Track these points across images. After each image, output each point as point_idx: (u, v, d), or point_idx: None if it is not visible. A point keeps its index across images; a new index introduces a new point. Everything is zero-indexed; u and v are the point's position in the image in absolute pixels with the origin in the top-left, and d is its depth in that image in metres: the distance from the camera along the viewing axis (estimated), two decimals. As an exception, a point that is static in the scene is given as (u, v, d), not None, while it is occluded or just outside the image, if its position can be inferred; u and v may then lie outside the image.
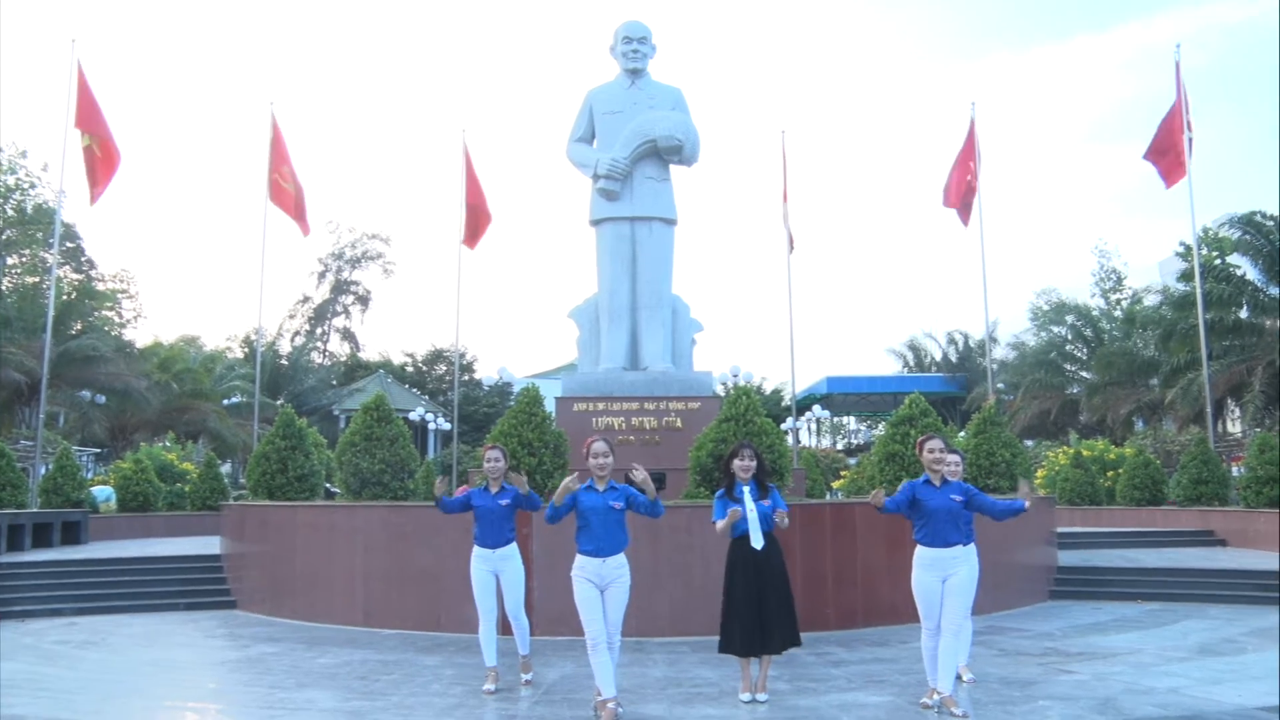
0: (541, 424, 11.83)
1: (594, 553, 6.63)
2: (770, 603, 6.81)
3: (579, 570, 6.62)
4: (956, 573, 6.69)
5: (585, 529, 6.67)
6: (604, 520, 6.66)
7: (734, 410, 11.72)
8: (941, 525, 6.68)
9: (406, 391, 50.73)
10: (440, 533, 11.06)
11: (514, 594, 7.77)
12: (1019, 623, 11.21)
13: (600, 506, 6.67)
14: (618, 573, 6.66)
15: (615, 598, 6.65)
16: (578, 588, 6.61)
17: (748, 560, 6.84)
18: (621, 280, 17.02)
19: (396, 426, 12.99)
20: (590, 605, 6.58)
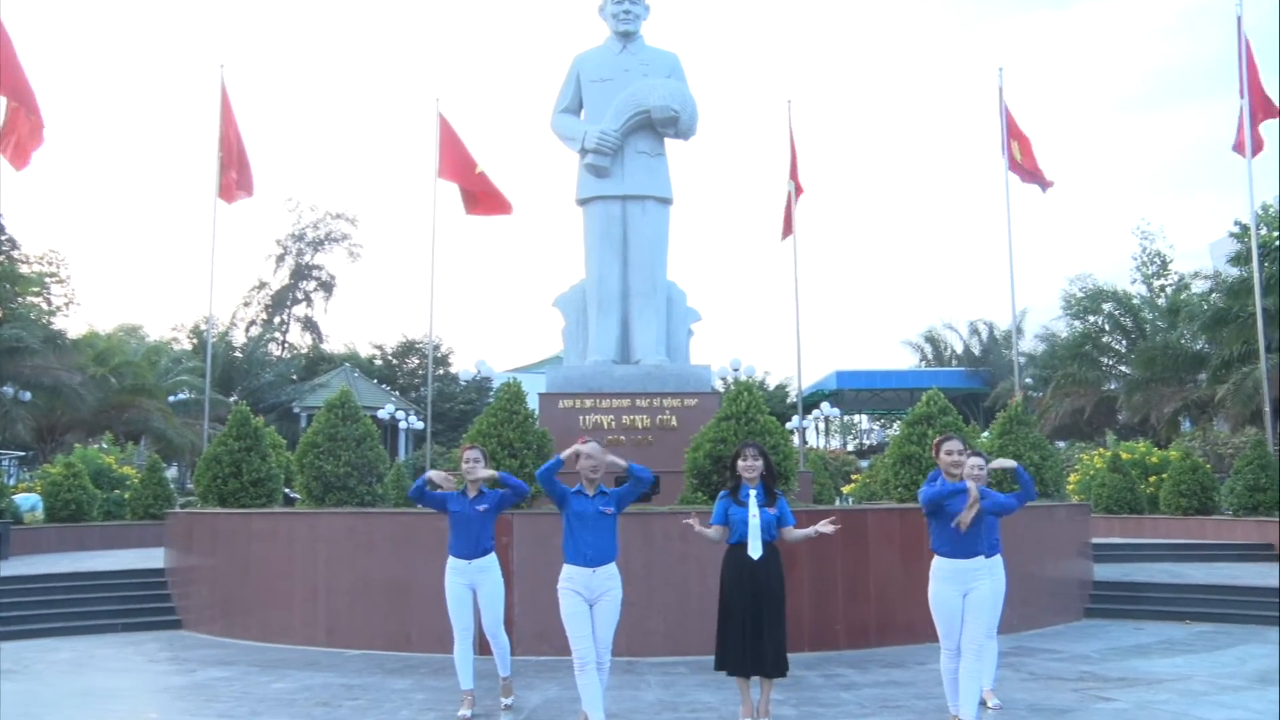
0: (524, 423, 11.85)
1: (583, 562, 6.65)
2: (764, 620, 6.84)
3: (566, 582, 6.65)
4: (979, 586, 6.70)
5: (573, 536, 6.70)
6: (594, 527, 6.70)
7: (734, 408, 11.74)
8: (962, 534, 6.70)
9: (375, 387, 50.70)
10: (411, 542, 11.08)
11: (492, 609, 7.80)
12: (1050, 643, 11.26)
13: (590, 512, 6.71)
14: (608, 584, 6.68)
15: (605, 612, 6.67)
16: (564, 601, 6.63)
17: (743, 570, 6.88)
18: (611, 265, 17.03)
19: (364, 425, 13.00)
20: (578, 621, 6.59)
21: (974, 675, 6.65)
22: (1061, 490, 14.65)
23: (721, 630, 6.97)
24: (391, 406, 40.64)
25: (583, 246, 17.50)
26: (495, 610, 7.82)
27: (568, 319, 17.82)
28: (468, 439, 11.67)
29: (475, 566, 7.72)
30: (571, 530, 6.72)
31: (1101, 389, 37.50)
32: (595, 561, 6.67)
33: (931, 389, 13.31)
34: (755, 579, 6.86)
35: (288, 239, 62.12)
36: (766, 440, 11.44)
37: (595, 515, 6.72)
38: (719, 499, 7.11)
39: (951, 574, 6.71)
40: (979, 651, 6.70)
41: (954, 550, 6.71)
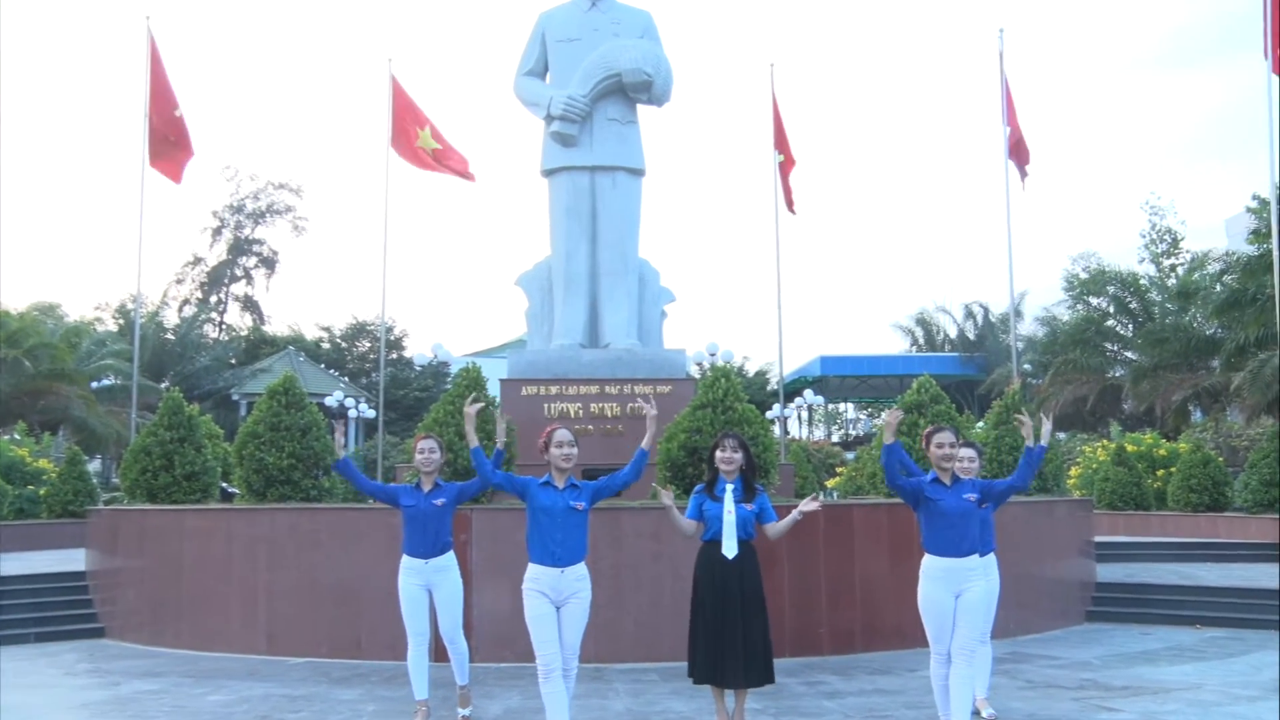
0: (484, 411, 11.85)
1: (551, 562, 6.63)
2: (738, 625, 6.88)
3: (532, 583, 6.64)
4: (971, 587, 6.76)
5: (540, 533, 6.67)
6: (564, 523, 6.67)
7: (711, 395, 11.79)
8: (953, 530, 6.76)
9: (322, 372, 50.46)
10: (361, 540, 11.07)
11: (450, 613, 7.81)
12: (1049, 649, 11.40)
13: (560, 507, 6.68)
14: (577, 585, 6.69)
15: (573, 616, 6.68)
16: (530, 603, 6.63)
17: (715, 569, 6.94)
18: (579, 241, 17.03)
19: (309, 414, 12.96)
20: (544, 624, 6.60)
21: (966, 682, 6.71)
22: (1062, 485, 14.81)
23: (691, 635, 7.03)
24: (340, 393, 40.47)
25: (548, 221, 17.48)
26: (454, 613, 7.84)
27: (531, 299, 17.80)
28: (422, 428, 11.65)
29: (433, 566, 7.73)
30: (538, 526, 6.68)
31: (1105, 376, 37.71)
32: (564, 561, 6.64)
33: (923, 375, 13.44)
34: (728, 580, 6.91)
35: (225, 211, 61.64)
36: (745, 430, 11.49)
37: (565, 511, 6.68)
38: (694, 494, 7.16)
39: (943, 573, 6.76)
40: (971, 657, 6.76)
41: (946, 548, 6.76)
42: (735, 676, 6.90)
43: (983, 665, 7.78)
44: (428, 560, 7.74)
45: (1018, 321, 44.65)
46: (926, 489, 6.85)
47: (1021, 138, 19.83)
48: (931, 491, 6.84)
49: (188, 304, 58.27)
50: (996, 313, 55.21)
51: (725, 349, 30.88)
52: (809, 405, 43.30)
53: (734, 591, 6.90)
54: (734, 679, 6.91)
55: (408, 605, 7.78)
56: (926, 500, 6.82)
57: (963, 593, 6.74)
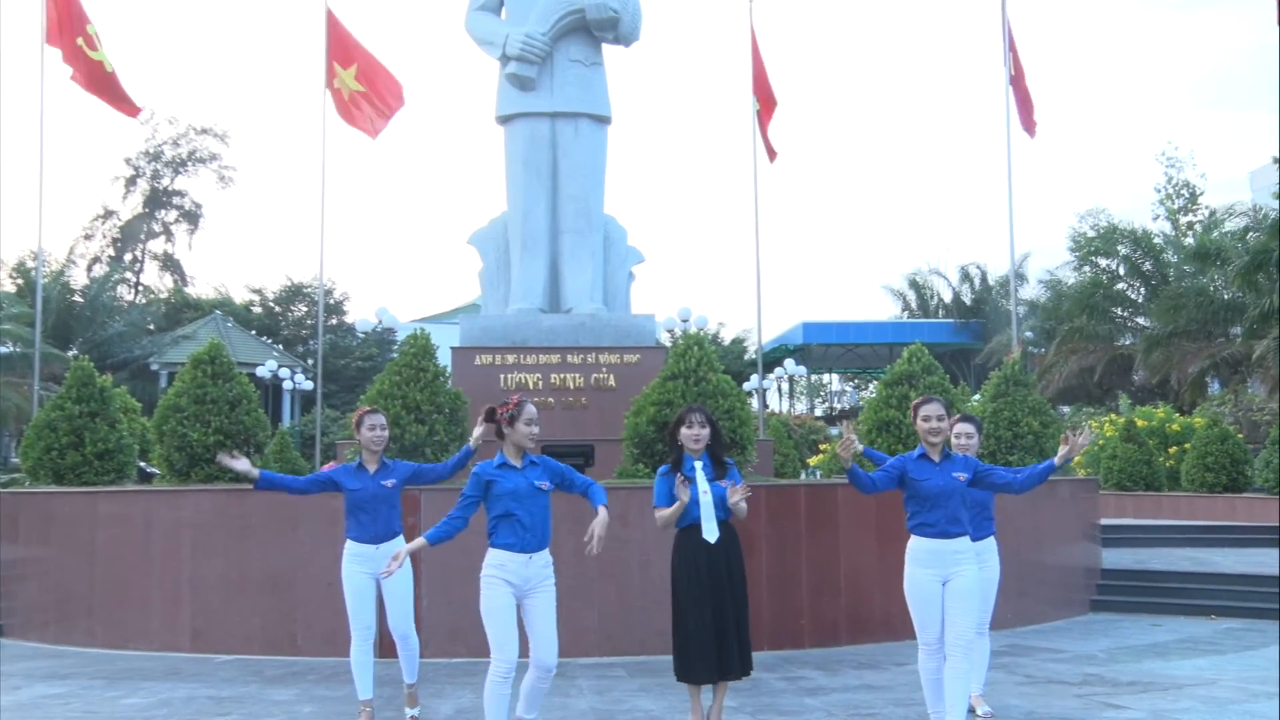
0: (433, 382, 11.84)
1: (520, 547, 6.58)
2: (728, 613, 6.94)
3: (496, 570, 6.59)
4: (961, 572, 6.82)
5: (507, 517, 6.61)
6: (530, 505, 6.63)
7: (682, 365, 11.82)
8: (940, 510, 6.82)
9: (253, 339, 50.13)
10: (297, 525, 11.06)
11: (401, 604, 7.79)
12: (1051, 640, 11.54)
13: (525, 488, 6.64)
14: (544, 574, 6.68)
15: (543, 607, 6.65)
16: (491, 593, 6.58)
17: (699, 556, 6.96)
18: (538, 195, 16.99)
19: (239, 385, 12.90)
20: (504, 618, 6.55)
21: (961, 677, 6.76)
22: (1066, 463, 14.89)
23: (681, 634, 7.02)
24: (274, 363, 40.26)
25: (504, 173, 17.42)
26: (405, 605, 7.82)
27: (486, 259, 17.75)
28: (365, 401, 11.63)
29: (383, 553, 7.65)
30: (507, 510, 6.61)
31: (1115, 344, 37.91)
32: (533, 546, 6.61)
33: (914, 344, 13.51)
34: (715, 567, 6.94)
35: (140, 158, 60.80)
36: (720, 403, 11.54)
37: (530, 490, 6.65)
38: (659, 476, 7.14)
39: (929, 556, 6.82)
40: (968, 650, 6.80)
41: (931, 529, 6.83)
42: (734, 667, 6.97)
43: (979, 659, 7.85)
44: (379, 546, 7.69)
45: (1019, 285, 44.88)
46: (911, 467, 6.90)
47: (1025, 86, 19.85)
48: (917, 470, 6.88)
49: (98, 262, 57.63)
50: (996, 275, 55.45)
51: (698, 314, 30.90)
52: (790, 376, 43.44)
53: (722, 579, 6.94)
54: (729, 670, 6.97)
55: (353, 597, 7.73)
56: (911, 480, 6.88)
57: (951, 578, 6.80)
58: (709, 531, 6.95)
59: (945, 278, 59.19)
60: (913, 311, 60.16)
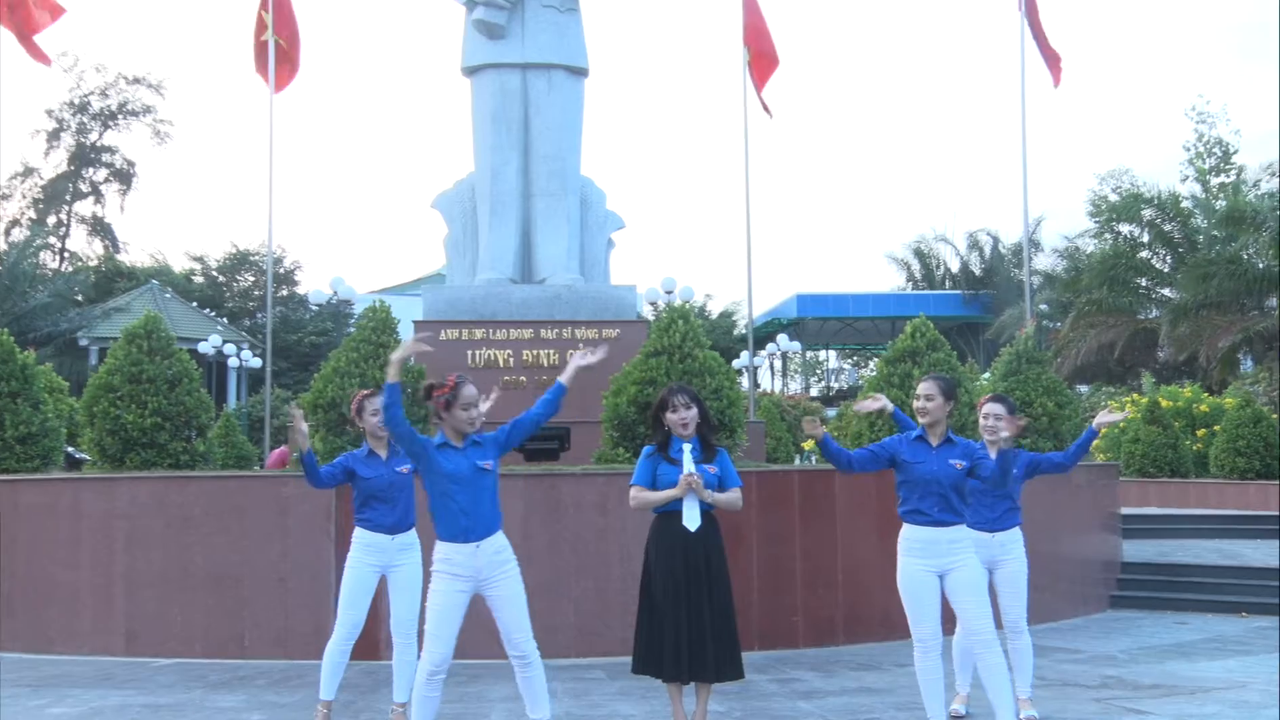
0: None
1: (463, 535, 6.58)
2: (705, 610, 6.94)
3: (444, 564, 6.60)
4: (961, 563, 6.85)
5: (448, 504, 6.62)
6: (471, 488, 6.62)
7: (666, 340, 11.83)
8: (934, 498, 6.86)
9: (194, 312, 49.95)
10: (245, 515, 10.99)
11: (410, 602, 7.68)
12: (1067, 640, 11.61)
13: (465, 470, 6.63)
14: (499, 559, 6.66)
15: (507, 595, 6.65)
16: (439, 589, 6.59)
17: (675, 545, 6.96)
18: (508, 155, 16.94)
19: (179, 363, 12.85)
20: (448, 616, 6.55)
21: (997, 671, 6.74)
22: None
23: (644, 622, 7.04)
24: (217, 338, 40.15)
25: (470, 130, 17.37)
26: (415, 604, 7.66)
27: (451, 225, 17.71)
28: (320, 379, 11.60)
29: (399, 544, 7.65)
30: (445, 496, 6.61)
31: (1137, 318, 37.94)
32: (479, 534, 6.60)
33: (918, 317, 13.53)
34: (691, 557, 6.94)
35: (64, 110, 60.32)
36: (707, 382, 11.55)
37: (471, 472, 6.63)
38: (644, 456, 7.15)
39: (922, 546, 6.86)
40: (991, 643, 6.78)
41: (925, 516, 6.86)
42: (706, 668, 6.93)
43: (1024, 658, 7.92)
44: (395, 537, 7.65)
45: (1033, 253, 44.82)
46: (904, 449, 6.94)
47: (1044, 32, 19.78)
48: (910, 451, 6.93)
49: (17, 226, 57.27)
50: (1008, 243, 55.69)
51: (684, 285, 30.92)
52: (783, 353, 43.52)
53: (699, 570, 6.94)
54: (705, 671, 6.94)
55: (353, 590, 7.65)
56: (902, 462, 6.92)
57: (951, 571, 6.84)
58: (690, 519, 6.95)
59: (953, 245, 59.51)
60: (917, 283, 60.35)
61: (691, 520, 6.95)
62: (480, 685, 9.25)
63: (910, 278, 60.94)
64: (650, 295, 31.50)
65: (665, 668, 6.97)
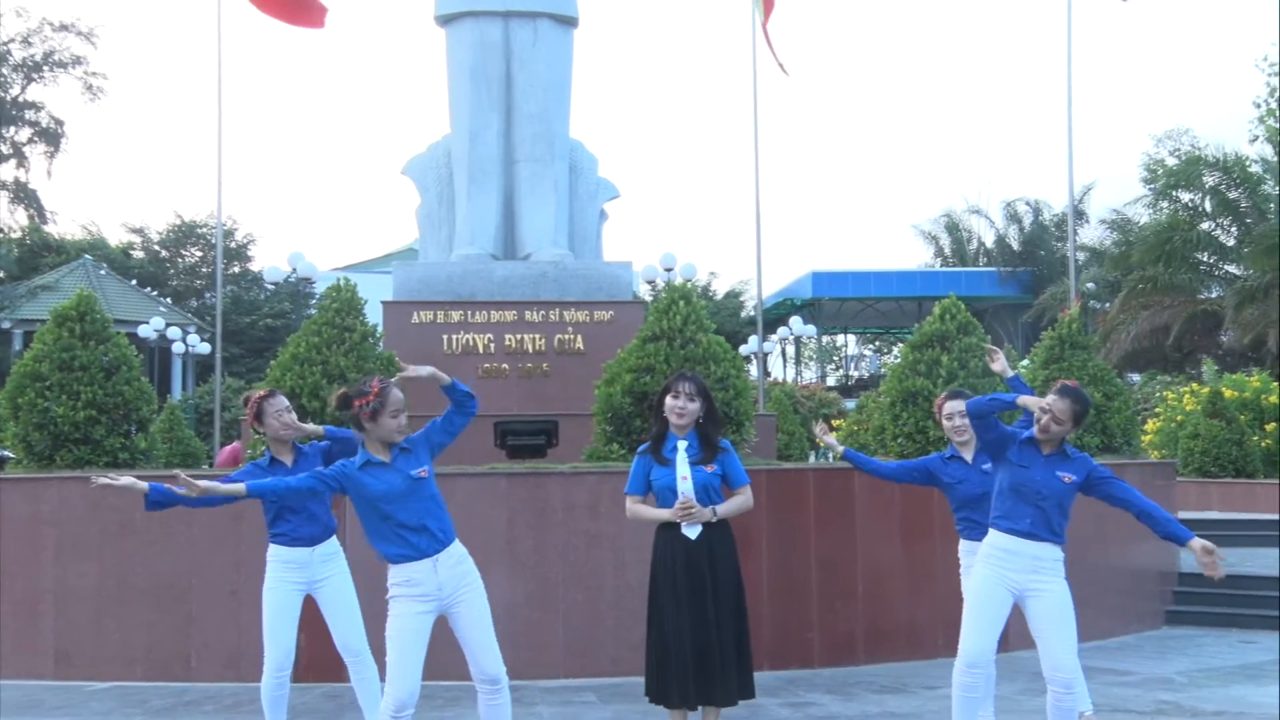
0: (361, 344, 11.82)
1: (417, 554, 6.51)
2: (712, 626, 6.95)
3: (402, 587, 6.53)
4: (1047, 587, 6.78)
5: (388, 527, 6.52)
6: (410, 503, 6.53)
7: (666, 323, 11.84)
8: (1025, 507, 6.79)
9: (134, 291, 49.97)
10: (192, 521, 10.97)
11: (349, 616, 7.67)
12: (1117, 660, 11.60)
13: (399, 486, 6.52)
14: (460, 571, 6.62)
15: (472, 612, 6.61)
16: (400, 613, 6.52)
17: (677, 556, 6.99)
18: (488, 115, 16.93)
19: (116, 348, 12.84)
20: (412, 644, 6.48)
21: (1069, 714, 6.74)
22: (1135, 443, 14.96)
23: (653, 644, 7.06)
24: (160, 320, 40.19)
25: (446, 87, 17.35)
26: (354, 616, 7.68)
27: (425, 194, 17.70)
28: (277, 367, 11.61)
29: (320, 555, 7.63)
30: (383, 519, 6.50)
31: (1197, 298, 37.90)
32: (434, 547, 6.53)
33: (948, 297, 13.48)
34: (694, 569, 6.96)
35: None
36: (712, 370, 11.57)
37: (406, 485, 6.52)
38: (636, 459, 7.18)
39: (1006, 555, 6.77)
40: (1069, 686, 6.75)
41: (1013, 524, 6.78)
42: (712, 691, 6.95)
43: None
44: (315, 548, 7.62)
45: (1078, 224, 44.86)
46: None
47: None
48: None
49: (-75, 192, 57.24)
50: (1050, 213, 55.57)
51: (685, 262, 30.86)
52: (796, 337, 43.56)
53: (702, 582, 6.95)
54: (717, 694, 6.96)
55: (276, 614, 7.61)
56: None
57: (1032, 594, 6.76)
58: (689, 527, 6.97)
59: (987, 217, 59.35)
60: (946, 259, 60.29)
61: (690, 528, 6.97)
62: (459, 709, 9.28)
63: (939, 253, 60.89)
64: (648, 273, 31.52)
65: (671, 694, 6.98)
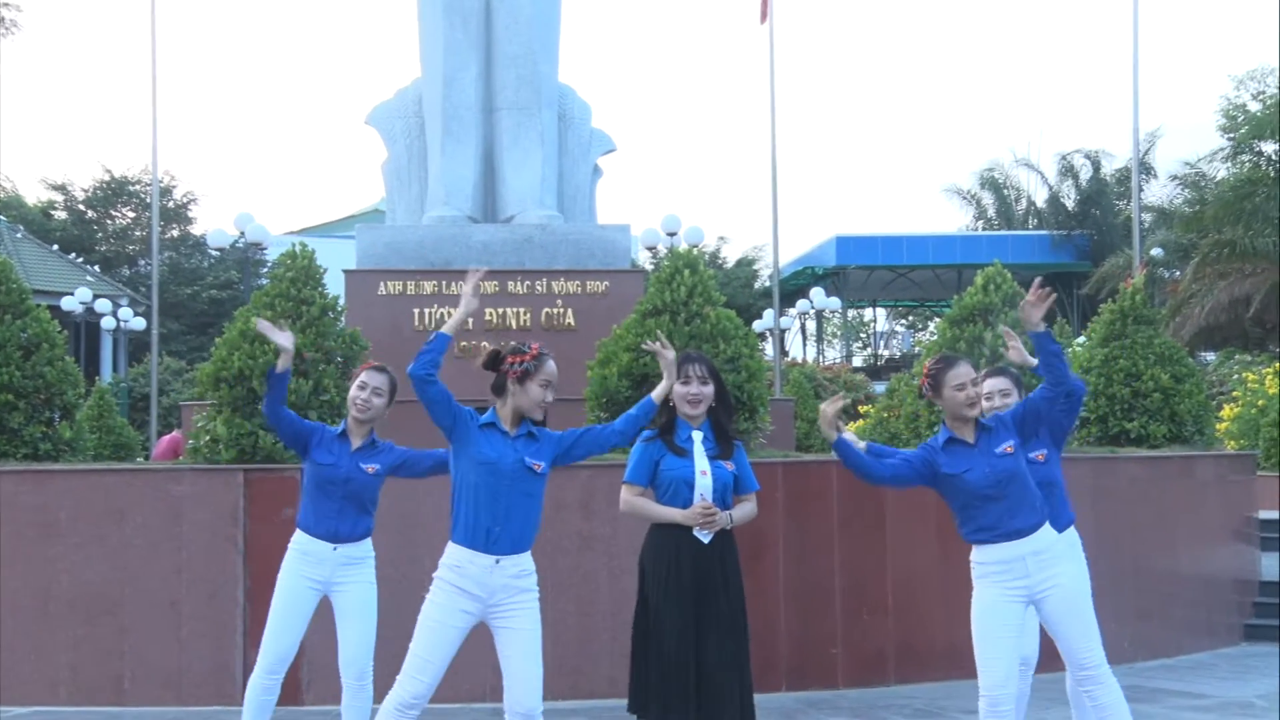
0: (320, 319, 11.76)
1: (484, 543, 6.53)
2: (713, 642, 6.92)
3: (451, 571, 6.59)
4: (1054, 578, 6.77)
5: (473, 499, 6.56)
6: (511, 489, 6.57)
7: (668, 296, 11.82)
8: (998, 504, 6.79)
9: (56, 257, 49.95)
10: (125, 520, 10.90)
11: (362, 630, 7.68)
12: (1187, 681, 11.60)
13: (509, 463, 6.59)
14: (518, 585, 6.63)
15: (519, 634, 6.62)
16: (438, 602, 6.57)
17: (682, 561, 6.94)
18: (465, 57, 16.90)
19: (36, 323, 12.81)
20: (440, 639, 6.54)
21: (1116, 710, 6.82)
22: (1208, 433, 14.90)
23: (643, 656, 7.02)
24: (87, 291, 40.17)
25: (416, 25, 17.34)
26: (366, 633, 7.68)
27: (392, 147, 17.68)
28: (223, 345, 11.58)
29: (343, 556, 7.62)
30: (473, 488, 6.55)
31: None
32: (505, 547, 6.55)
33: (992, 265, 13.39)
34: (705, 577, 6.94)
35: None
36: (721, 349, 11.55)
37: (516, 470, 6.58)
38: (641, 442, 7.14)
39: (1001, 568, 6.77)
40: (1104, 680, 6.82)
41: (993, 531, 6.79)
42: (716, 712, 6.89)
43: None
44: (338, 547, 7.61)
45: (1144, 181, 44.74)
46: (941, 460, 6.88)
47: None
48: (949, 463, 6.86)
49: None
50: (1111, 167, 55.37)
51: (691, 225, 30.77)
52: (818, 311, 43.60)
53: (715, 591, 6.94)
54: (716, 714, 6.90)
55: (284, 610, 7.62)
56: (946, 477, 6.88)
57: (1041, 593, 6.76)
58: (701, 530, 6.93)
59: (1038, 172, 58.93)
60: (990, 221, 60.08)
61: (705, 532, 6.93)
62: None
63: (981, 215, 60.70)
64: (648, 238, 31.46)
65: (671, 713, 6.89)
